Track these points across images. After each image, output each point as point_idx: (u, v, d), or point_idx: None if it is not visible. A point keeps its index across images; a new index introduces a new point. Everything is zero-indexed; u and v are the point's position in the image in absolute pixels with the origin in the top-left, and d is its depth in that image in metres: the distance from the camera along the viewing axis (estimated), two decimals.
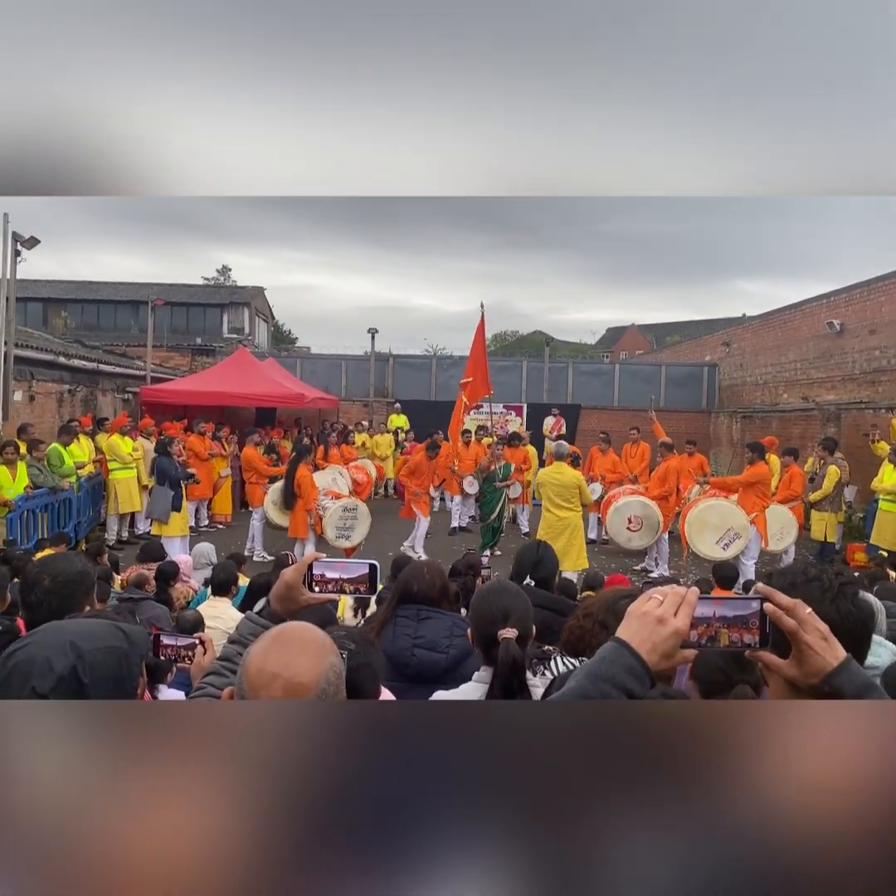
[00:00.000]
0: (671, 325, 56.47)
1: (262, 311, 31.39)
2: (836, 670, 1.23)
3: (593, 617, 2.28)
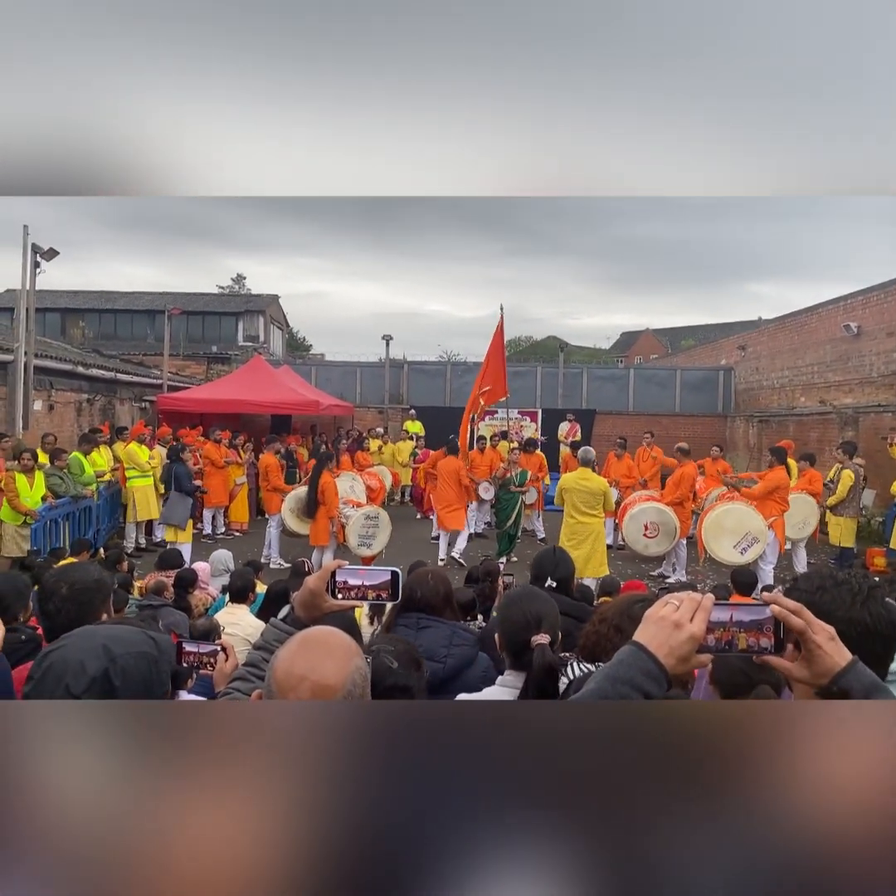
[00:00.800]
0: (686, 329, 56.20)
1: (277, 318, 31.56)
2: (844, 670, 1.25)
3: (609, 622, 2.29)
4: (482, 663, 2.89)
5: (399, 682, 2.02)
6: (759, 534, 9.13)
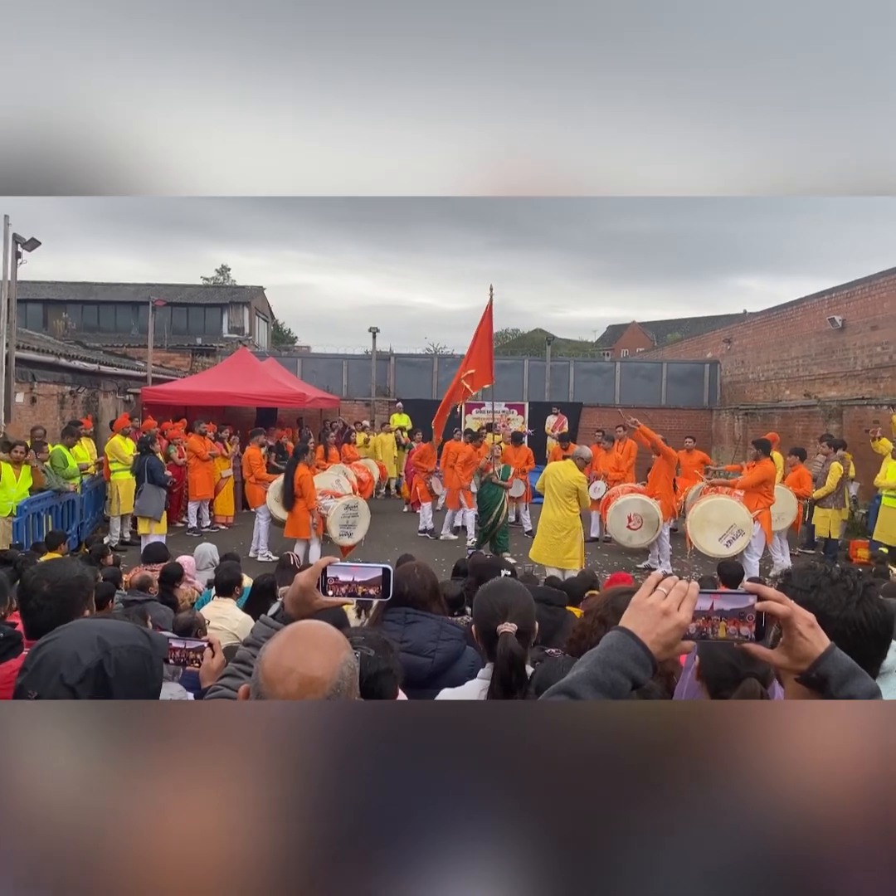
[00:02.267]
0: (672, 323, 56.46)
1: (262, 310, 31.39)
2: (822, 656, 1.29)
3: (594, 614, 2.30)
4: (469, 657, 2.88)
5: (382, 667, 2.05)
6: (745, 526, 9.18)
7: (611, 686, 1.22)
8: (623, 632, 1.28)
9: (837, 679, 1.28)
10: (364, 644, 2.06)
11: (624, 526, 10.19)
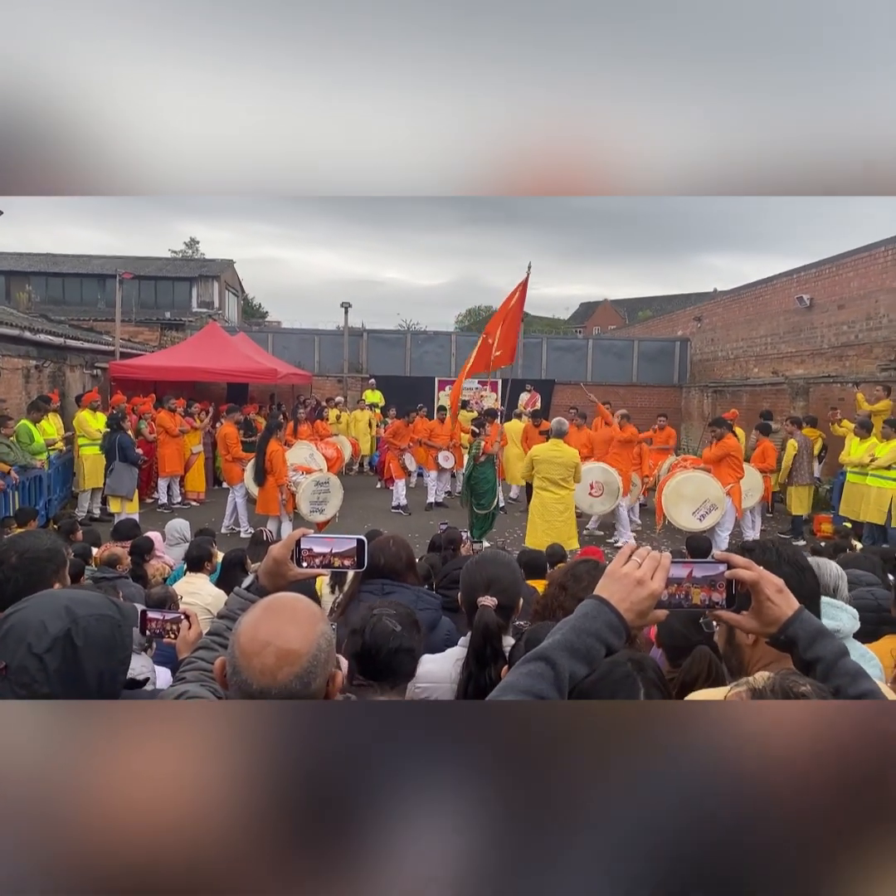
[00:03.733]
0: (644, 300, 56.69)
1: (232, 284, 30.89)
2: (791, 619, 1.34)
3: (555, 583, 2.34)
4: (445, 626, 2.93)
5: (404, 645, 2.03)
6: (718, 501, 9.35)
7: (586, 652, 1.25)
8: (598, 600, 1.30)
9: (805, 640, 1.33)
10: (394, 618, 2.05)
11: (586, 493, 10.24)
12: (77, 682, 1.48)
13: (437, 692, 2.31)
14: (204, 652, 1.75)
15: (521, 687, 1.22)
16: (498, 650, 2.18)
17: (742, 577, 1.34)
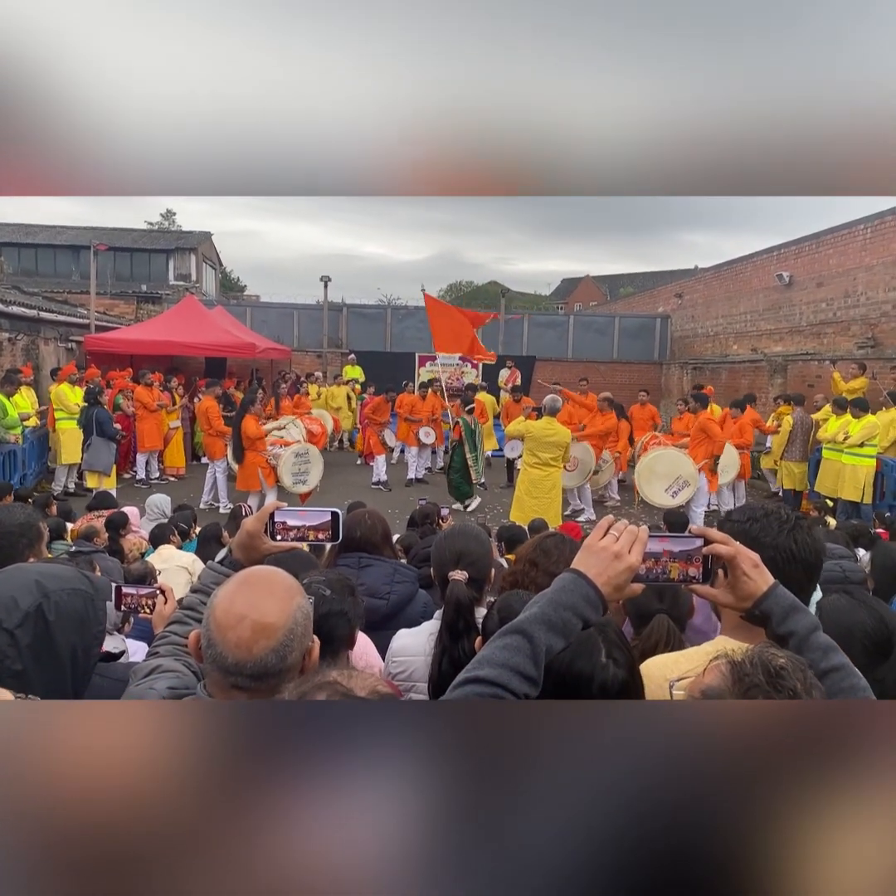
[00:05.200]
0: (625, 277, 56.65)
1: (210, 257, 30.42)
2: (765, 594, 1.34)
3: (524, 559, 2.34)
4: (421, 599, 2.94)
5: (333, 608, 2.04)
6: (690, 478, 9.42)
7: (562, 625, 1.24)
8: (575, 573, 1.30)
9: (779, 615, 1.34)
10: (322, 584, 2.06)
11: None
12: (50, 658, 1.47)
13: (412, 666, 2.32)
14: (177, 626, 1.74)
15: (498, 660, 1.21)
16: (470, 623, 2.18)
17: (719, 552, 1.35)
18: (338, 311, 20.68)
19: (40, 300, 15.47)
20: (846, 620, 2.28)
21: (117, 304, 20.72)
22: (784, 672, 1.10)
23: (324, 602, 2.00)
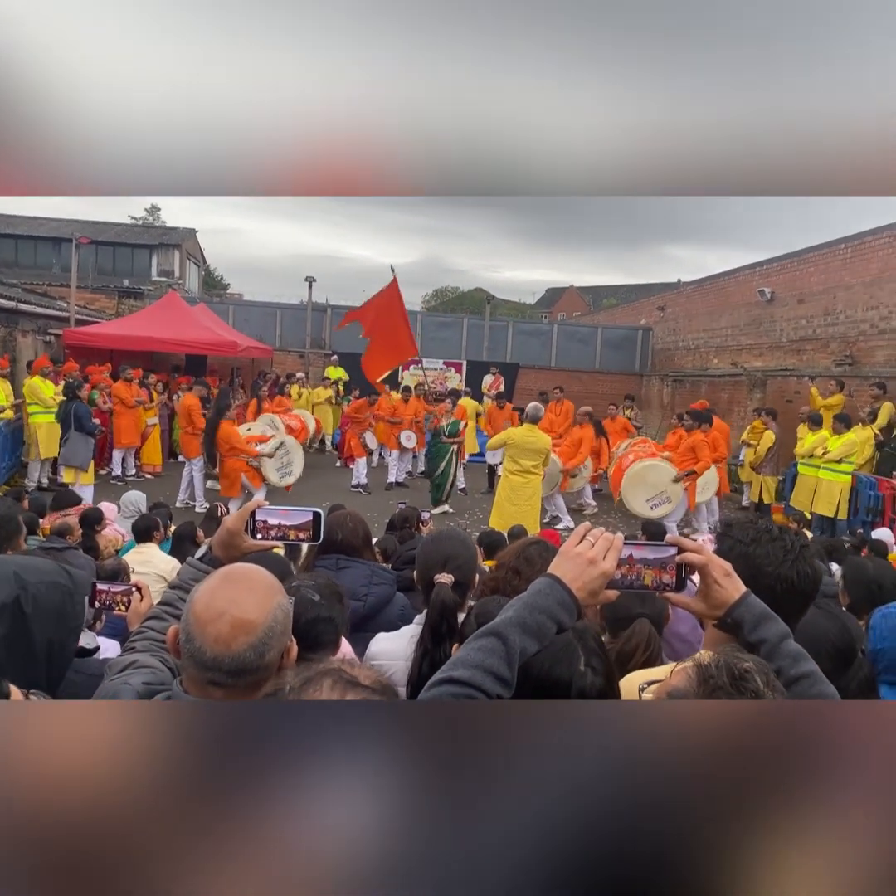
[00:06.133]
0: (609, 288, 57.15)
1: (194, 254, 30.19)
2: (737, 602, 1.37)
3: (506, 566, 2.34)
4: (399, 602, 2.93)
5: (322, 614, 2.03)
6: (673, 495, 9.54)
7: (537, 629, 1.27)
8: (551, 578, 1.32)
9: (750, 623, 1.36)
10: (311, 588, 2.05)
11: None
12: (25, 650, 1.45)
13: (391, 669, 2.31)
14: (155, 622, 1.72)
15: (473, 661, 1.23)
16: (454, 627, 2.18)
17: (691, 561, 1.37)
18: (322, 311, 20.61)
19: (19, 291, 15.26)
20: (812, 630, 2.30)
21: (98, 298, 20.51)
22: (748, 675, 1.12)
23: (312, 607, 1.99)
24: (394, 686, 1.18)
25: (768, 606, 1.40)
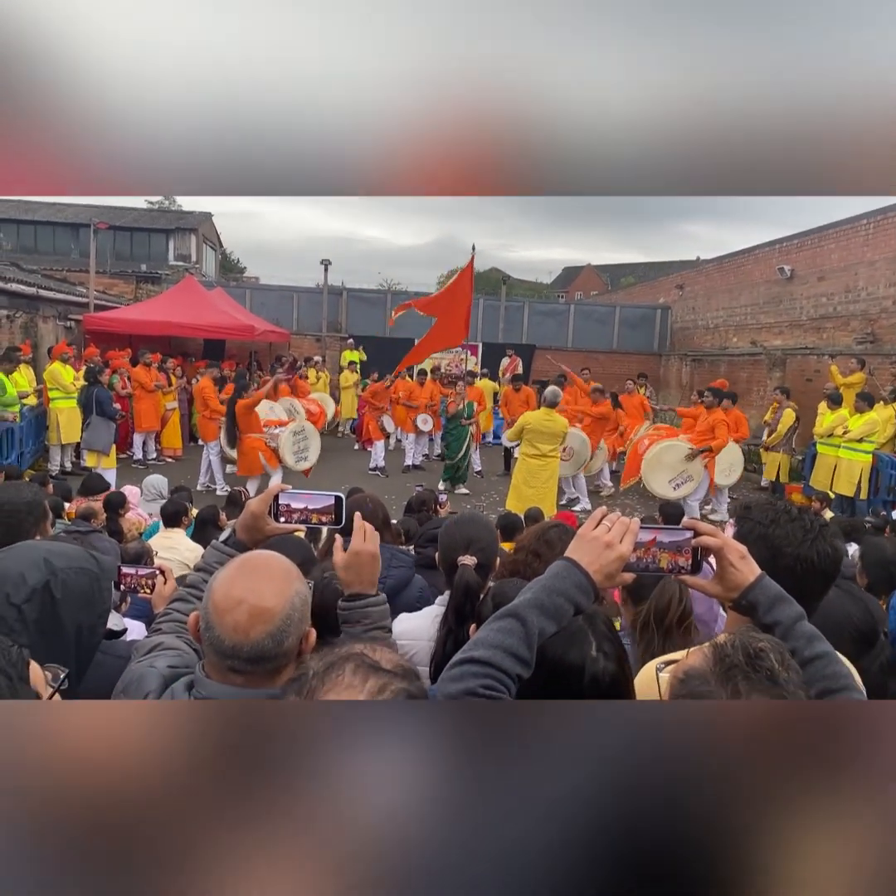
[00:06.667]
0: (627, 267, 56.49)
1: (210, 237, 30.25)
2: (752, 584, 1.38)
3: (526, 549, 2.36)
4: (417, 584, 2.96)
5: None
6: (695, 473, 9.50)
7: (555, 610, 1.29)
8: (568, 561, 1.35)
9: (765, 605, 1.38)
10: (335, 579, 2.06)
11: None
12: (55, 634, 1.49)
13: (413, 649, 2.35)
14: (180, 604, 1.76)
15: (493, 642, 1.26)
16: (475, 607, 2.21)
17: (707, 544, 1.39)
18: (338, 294, 20.61)
19: (39, 278, 15.39)
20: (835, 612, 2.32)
21: (116, 283, 20.63)
22: (762, 654, 1.13)
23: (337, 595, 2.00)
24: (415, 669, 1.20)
25: (789, 587, 1.41)
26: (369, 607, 1.71)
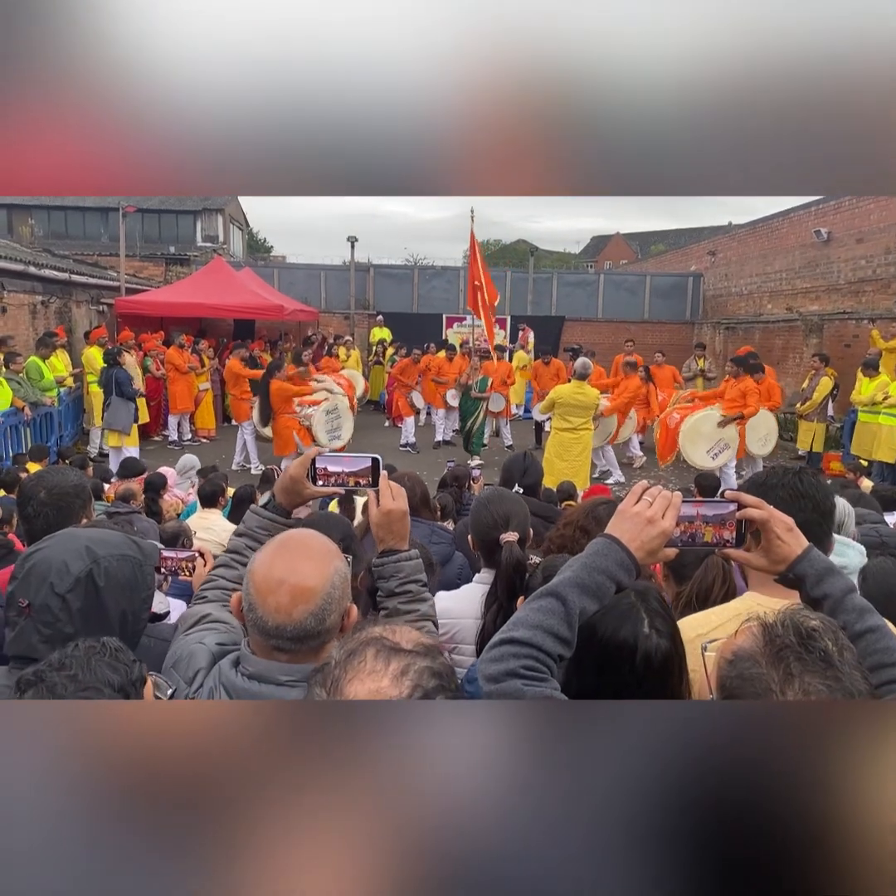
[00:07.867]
0: (656, 234, 55.42)
1: (237, 218, 30.34)
2: (799, 557, 1.35)
3: (574, 524, 2.35)
4: (458, 561, 2.97)
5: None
6: (731, 440, 9.40)
7: (596, 588, 1.27)
8: (609, 538, 1.32)
9: (813, 578, 1.35)
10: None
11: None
12: (99, 622, 1.51)
13: (455, 628, 2.36)
14: (224, 570, 1.78)
15: (533, 622, 1.24)
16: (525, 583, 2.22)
17: (752, 517, 1.35)
18: (364, 271, 20.55)
19: (71, 263, 15.58)
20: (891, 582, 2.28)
21: (146, 266, 20.81)
22: (815, 633, 1.09)
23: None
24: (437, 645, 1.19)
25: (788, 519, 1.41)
26: (401, 562, 1.71)
